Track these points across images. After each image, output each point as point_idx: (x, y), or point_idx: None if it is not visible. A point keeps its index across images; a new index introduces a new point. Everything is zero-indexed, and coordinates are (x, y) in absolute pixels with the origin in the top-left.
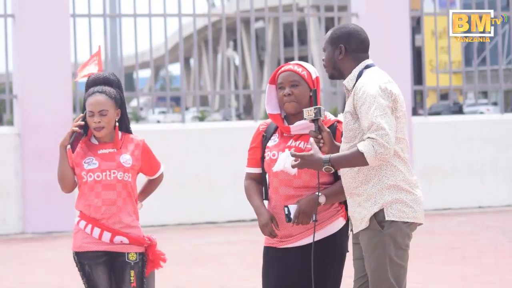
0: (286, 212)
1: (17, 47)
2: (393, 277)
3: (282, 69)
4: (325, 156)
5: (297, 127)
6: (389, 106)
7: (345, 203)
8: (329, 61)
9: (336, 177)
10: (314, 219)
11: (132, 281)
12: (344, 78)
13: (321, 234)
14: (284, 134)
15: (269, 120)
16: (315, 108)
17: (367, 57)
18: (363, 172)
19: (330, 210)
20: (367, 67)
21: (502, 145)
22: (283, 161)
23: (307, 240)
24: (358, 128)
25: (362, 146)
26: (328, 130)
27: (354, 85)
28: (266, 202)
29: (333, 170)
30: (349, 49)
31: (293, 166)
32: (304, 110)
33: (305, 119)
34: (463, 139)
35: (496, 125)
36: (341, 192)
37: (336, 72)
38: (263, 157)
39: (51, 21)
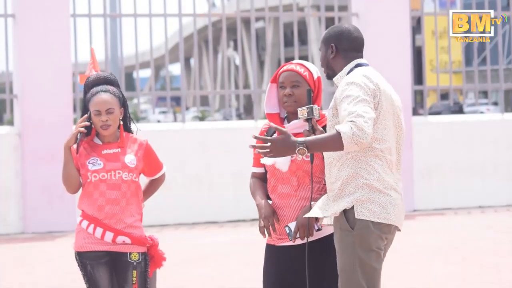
0: (288, 231)
1: (17, 47)
2: (364, 279)
3: (284, 68)
4: (300, 138)
5: (292, 126)
6: (370, 101)
7: None
8: (323, 60)
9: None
10: (316, 228)
11: (134, 281)
12: None
13: (317, 235)
14: None
15: None
16: (307, 108)
17: (360, 57)
18: (338, 168)
19: None
20: (358, 65)
21: (502, 145)
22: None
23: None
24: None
25: (340, 127)
26: (322, 129)
27: None
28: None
29: (306, 152)
30: (340, 48)
31: (262, 154)
32: (299, 109)
33: (299, 118)
34: (463, 139)
35: (496, 125)
36: None
37: (330, 71)
38: None
39: (51, 21)
